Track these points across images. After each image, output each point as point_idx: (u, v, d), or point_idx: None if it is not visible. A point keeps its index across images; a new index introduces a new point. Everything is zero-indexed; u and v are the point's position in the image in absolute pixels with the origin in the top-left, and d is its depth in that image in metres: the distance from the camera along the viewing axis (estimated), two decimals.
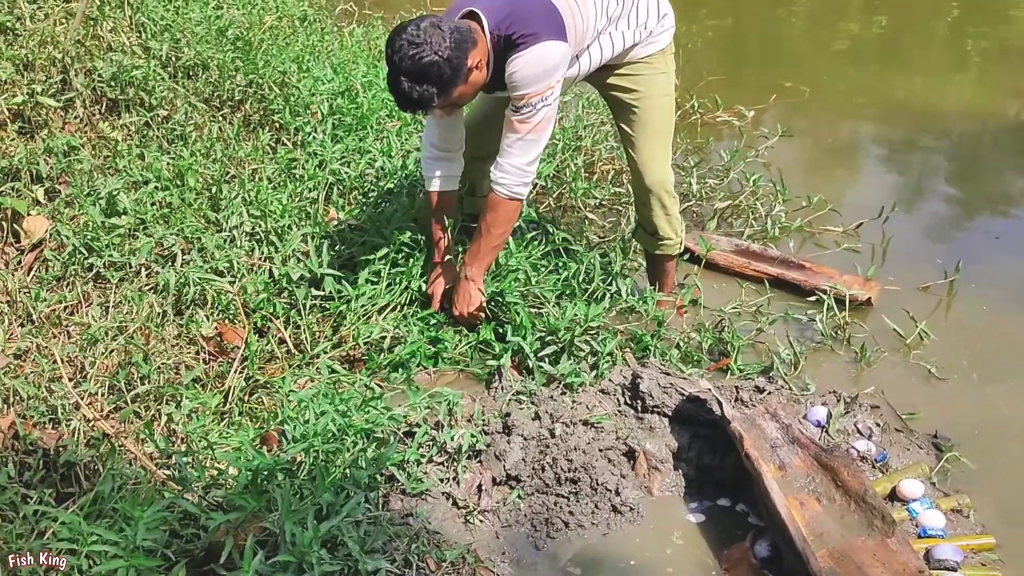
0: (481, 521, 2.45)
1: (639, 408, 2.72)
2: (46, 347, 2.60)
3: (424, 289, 3.10)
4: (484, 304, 3.00)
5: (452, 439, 2.54)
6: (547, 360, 2.92)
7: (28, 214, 2.97)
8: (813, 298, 3.36)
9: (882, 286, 3.48)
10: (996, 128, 5.19)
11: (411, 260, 3.10)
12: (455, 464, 2.53)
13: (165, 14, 4.07)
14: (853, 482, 2.35)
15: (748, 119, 4.90)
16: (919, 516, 2.42)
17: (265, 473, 2.21)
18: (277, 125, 3.90)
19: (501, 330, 3.05)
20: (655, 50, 2.96)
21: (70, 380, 2.50)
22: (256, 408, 2.70)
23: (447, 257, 3.07)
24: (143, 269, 2.94)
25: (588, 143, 4.36)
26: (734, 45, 6.80)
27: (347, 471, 2.30)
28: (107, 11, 3.79)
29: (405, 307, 3.08)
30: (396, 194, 3.53)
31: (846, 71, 6.09)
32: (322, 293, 3.03)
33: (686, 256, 3.48)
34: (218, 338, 2.84)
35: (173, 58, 3.84)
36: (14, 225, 2.95)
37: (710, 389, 2.66)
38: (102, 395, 2.54)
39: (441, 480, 2.50)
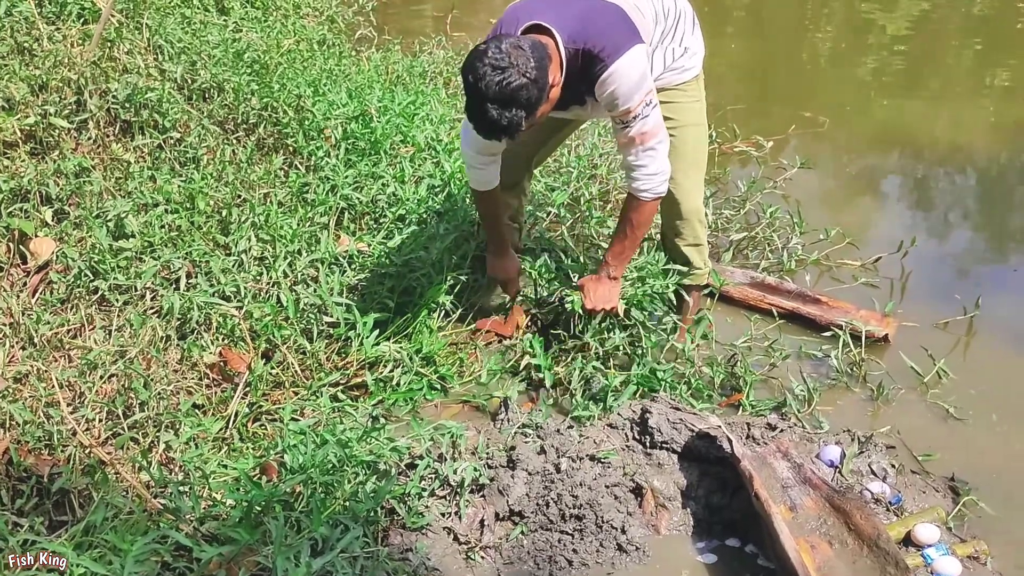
0: (483, 558, 2.41)
1: (647, 444, 2.67)
2: (45, 371, 2.57)
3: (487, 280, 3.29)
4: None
5: (455, 472, 2.49)
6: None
7: (35, 235, 2.95)
8: (829, 333, 3.30)
9: (900, 322, 3.41)
10: (1019, 162, 5.11)
11: (419, 290, 3.07)
12: (457, 498, 2.48)
13: (183, 36, 4.07)
14: (866, 525, 2.28)
15: (766, 149, 4.84)
16: (934, 563, 2.35)
17: (261, 505, 2.17)
18: (291, 149, 3.89)
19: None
20: (689, 77, 2.93)
21: (68, 405, 2.47)
22: (258, 435, 2.66)
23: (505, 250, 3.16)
24: (148, 292, 2.92)
25: (603, 171, 4.31)
26: (754, 74, 6.75)
27: (346, 504, 2.26)
28: (124, 33, 3.79)
29: (413, 336, 3.04)
30: (407, 221, 3.50)
31: (867, 102, 6.03)
32: (330, 319, 2.99)
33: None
34: (222, 364, 2.81)
35: (189, 80, 3.84)
36: (20, 246, 2.93)
37: (720, 426, 2.60)
38: (100, 421, 2.50)
39: (443, 514, 2.46)
